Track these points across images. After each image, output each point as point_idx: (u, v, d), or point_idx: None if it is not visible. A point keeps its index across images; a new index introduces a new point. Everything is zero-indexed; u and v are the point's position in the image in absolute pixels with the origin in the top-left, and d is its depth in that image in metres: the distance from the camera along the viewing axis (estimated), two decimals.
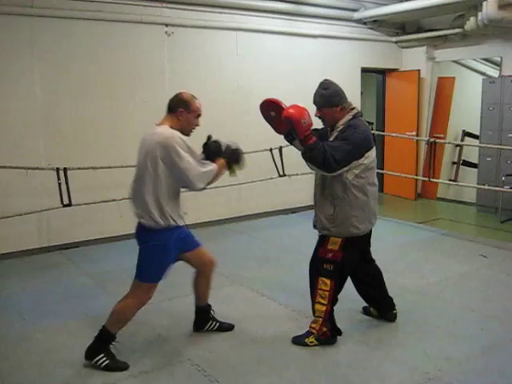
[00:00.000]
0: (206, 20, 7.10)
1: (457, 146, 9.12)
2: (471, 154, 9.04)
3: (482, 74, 9.28)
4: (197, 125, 3.72)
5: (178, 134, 3.48)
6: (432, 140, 8.01)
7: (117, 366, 3.52)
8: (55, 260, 6.00)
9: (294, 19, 7.90)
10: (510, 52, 8.09)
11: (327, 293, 3.70)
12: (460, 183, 8.73)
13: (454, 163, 9.39)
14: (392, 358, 3.63)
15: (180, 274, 5.44)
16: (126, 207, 6.52)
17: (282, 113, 3.53)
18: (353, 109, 3.71)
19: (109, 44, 6.48)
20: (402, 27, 9.22)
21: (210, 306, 4.08)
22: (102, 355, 3.51)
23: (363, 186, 3.61)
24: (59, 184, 5.75)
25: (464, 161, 9.29)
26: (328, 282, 3.70)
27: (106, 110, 6.53)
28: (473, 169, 8.80)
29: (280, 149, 7.28)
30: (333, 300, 3.74)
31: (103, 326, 3.57)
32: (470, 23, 7.43)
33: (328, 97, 3.66)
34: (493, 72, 8.94)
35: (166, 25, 6.81)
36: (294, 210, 8.11)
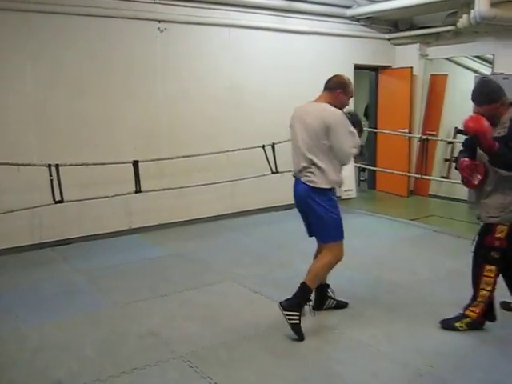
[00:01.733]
0: (199, 16, 7.07)
1: (449, 143, 9.13)
2: None
3: (475, 71, 9.29)
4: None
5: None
6: (424, 137, 8.03)
7: (299, 331, 3.81)
8: (47, 257, 5.97)
9: (286, 16, 7.89)
10: (502, 50, 8.11)
11: (492, 279, 3.84)
12: (452, 180, 8.75)
13: (446, 160, 9.40)
14: (384, 354, 3.64)
15: (172, 271, 5.47)
16: (118, 204, 6.57)
17: (466, 127, 3.61)
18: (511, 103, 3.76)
19: (102, 40, 6.45)
20: (394, 24, 9.22)
21: (328, 285, 4.30)
22: (297, 314, 3.81)
23: None
24: (51, 180, 5.73)
25: (456, 158, 9.30)
26: (494, 268, 3.84)
27: (99, 106, 6.50)
28: None
29: (273, 145, 7.28)
30: (495, 287, 3.87)
31: (303, 282, 3.89)
32: (463, 21, 7.44)
33: (488, 94, 3.70)
34: (485, 70, 8.96)
35: (159, 21, 6.79)
36: (286, 207, 8.09)
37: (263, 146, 7.26)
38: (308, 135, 3.88)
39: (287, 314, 3.82)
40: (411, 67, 9.11)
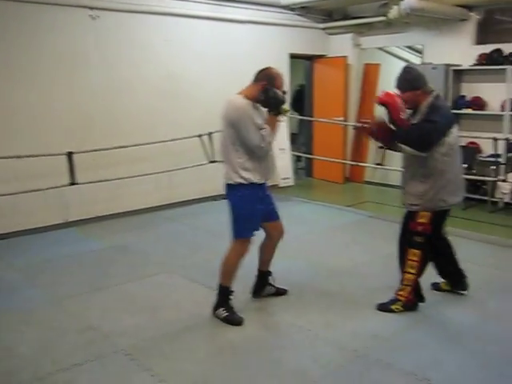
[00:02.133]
0: (133, 4, 6.93)
1: None
2: None
3: (406, 61, 9.56)
4: None
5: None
6: (359, 125, 8.20)
7: (234, 319, 3.92)
8: None
9: (222, 4, 7.85)
10: (431, 40, 8.41)
11: (416, 263, 4.02)
12: (386, 167, 9.01)
13: (380, 147, 9.62)
14: (323, 339, 3.74)
15: (111, 263, 5.39)
16: (53, 197, 6.40)
17: (378, 99, 3.83)
18: (432, 91, 3.92)
19: (32, 27, 6.18)
20: (329, 14, 9.35)
21: (270, 272, 4.36)
22: (222, 308, 3.95)
23: (450, 162, 3.87)
24: None
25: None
26: (418, 252, 4.00)
27: (30, 96, 6.26)
28: (398, 153, 9.07)
29: (209, 135, 7.27)
30: (421, 270, 4.06)
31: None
32: (393, 12, 7.64)
33: (411, 80, 3.88)
34: (416, 59, 9.24)
35: (91, 8, 6.60)
36: (224, 197, 8.10)
37: (200, 136, 7.24)
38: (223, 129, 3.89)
39: (216, 315, 3.99)
40: (345, 56, 9.28)
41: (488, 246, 5.36)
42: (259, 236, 4.12)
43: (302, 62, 9.84)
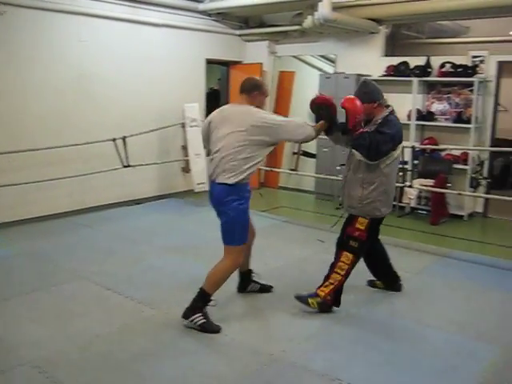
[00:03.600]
0: (45, 1, 6.66)
1: None
2: (310, 144, 9.56)
3: (320, 69, 9.84)
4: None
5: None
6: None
7: (211, 326, 3.88)
8: None
9: (138, 7, 7.72)
10: (344, 51, 8.71)
11: (347, 266, 4.17)
12: (300, 172, 9.21)
13: (294, 153, 9.86)
14: (238, 344, 3.75)
15: (18, 271, 5.14)
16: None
17: (342, 103, 3.99)
18: (388, 106, 4.17)
19: None
20: (245, 21, 9.45)
21: (251, 270, 4.61)
22: (199, 315, 3.86)
23: (389, 174, 4.14)
24: None
25: (304, 151, 9.80)
26: (350, 256, 4.16)
27: None
28: (311, 159, 9.32)
29: (124, 139, 7.13)
30: (348, 274, 4.19)
31: (200, 288, 3.93)
32: (308, 21, 7.84)
33: (369, 93, 4.12)
34: (329, 69, 9.52)
35: None
36: (139, 201, 7.99)
37: (114, 140, 7.08)
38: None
39: (191, 320, 3.89)
40: (261, 63, 9.40)
41: (396, 249, 5.59)
42: None
43: (216, 66, 9.87)
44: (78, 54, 7.13)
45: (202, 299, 3.94)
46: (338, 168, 7.98)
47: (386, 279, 4.74)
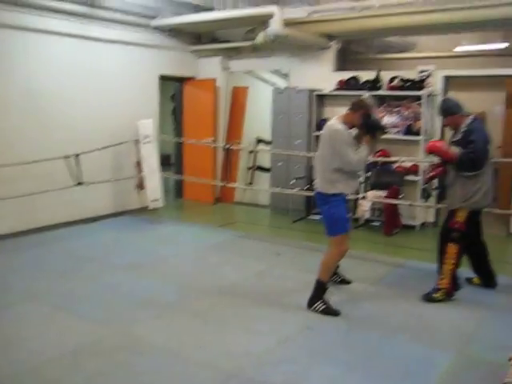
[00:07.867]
0: None
1: (250, 152, 9.61)
2: (264, 159, 9.63)
3: (273, 84, 9.93)
4: None
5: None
6: (227, 146, 8.33)
7: (332, 310, 4.46)
8: None
9: (88, 22, 7.62)
10: (296, 66, 8.83)
11: (455, 255, 4.80)
12: (255, 187, 9.24)
13: (249, 168, 9.89)
14: (195, 361, 3.70)
15: None
16: None
17: (427, 150, 5.02)
18: (469, 115, 4.84)
19: None
20: (198, 37, 9.48)
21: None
22: (320, 301, 4.48)
23: (484, 172, 4.77)
24: None
25: (258, 166, 9.84)
26: (455, 246, 4.79)
27: None
28: (266, 173, 9.37)
29: (76, 156, 6.99)
30: (458, 261, 4.84)
31: (316, 279, 4.53)
32: (260, 38, 7.91)
33: (450, 108, 4.89)
34: (282, 83, 9.62)
35: None
36: (94, 219, 7.84)
37: (66, 157, 6.93)
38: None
39: (314, 308, 4.47)
40: (214, 79, 9.43)
41: (351, 260, 5.64)
42: None
43: (170, 82, 9.84)
44: (25, 70, 6.94)
45: (320, 288, 4.51)
46: (293, 182, 8.05)
47: (486, 275, 5.21)
